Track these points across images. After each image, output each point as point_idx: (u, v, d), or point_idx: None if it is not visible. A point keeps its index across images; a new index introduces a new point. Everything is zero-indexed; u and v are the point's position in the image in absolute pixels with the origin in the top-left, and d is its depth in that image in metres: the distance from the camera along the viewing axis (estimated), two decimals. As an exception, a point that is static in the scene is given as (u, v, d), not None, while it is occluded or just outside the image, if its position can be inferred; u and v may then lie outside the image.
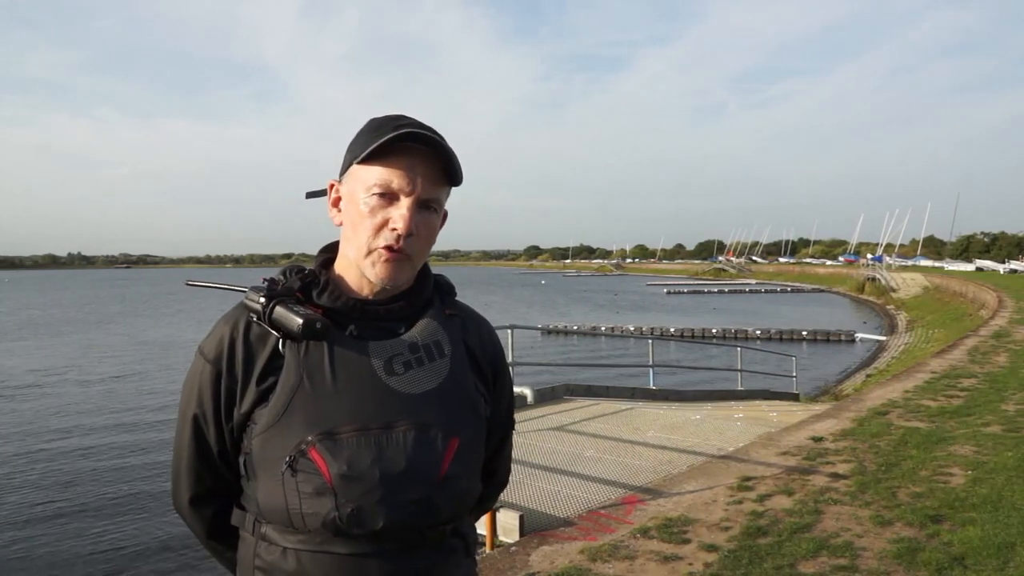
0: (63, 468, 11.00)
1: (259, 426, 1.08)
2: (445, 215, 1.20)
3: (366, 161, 1.09)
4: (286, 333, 1.08)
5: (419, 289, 1.19)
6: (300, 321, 1.06)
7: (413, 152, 1.09)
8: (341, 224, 1.16)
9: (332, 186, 1.18)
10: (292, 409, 1.06)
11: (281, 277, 1.16)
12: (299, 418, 1.05)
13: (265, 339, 1.11)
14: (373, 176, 1.09)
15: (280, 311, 1.08)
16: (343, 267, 1.16)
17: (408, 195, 1.09)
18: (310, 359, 1.08)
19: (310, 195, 1.23)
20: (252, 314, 1.11)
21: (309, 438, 1.04)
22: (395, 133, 1.06)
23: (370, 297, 1.15)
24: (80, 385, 18.89)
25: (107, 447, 12.40)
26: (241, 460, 1.13)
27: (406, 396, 1.09)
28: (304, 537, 1.06)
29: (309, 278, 1.15)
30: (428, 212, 1.12)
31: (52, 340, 30.55)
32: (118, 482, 10.40)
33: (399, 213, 1.08)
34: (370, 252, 1.10)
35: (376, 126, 1.11)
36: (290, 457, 1.04)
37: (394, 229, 1.08)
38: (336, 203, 1.17)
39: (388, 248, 1.09)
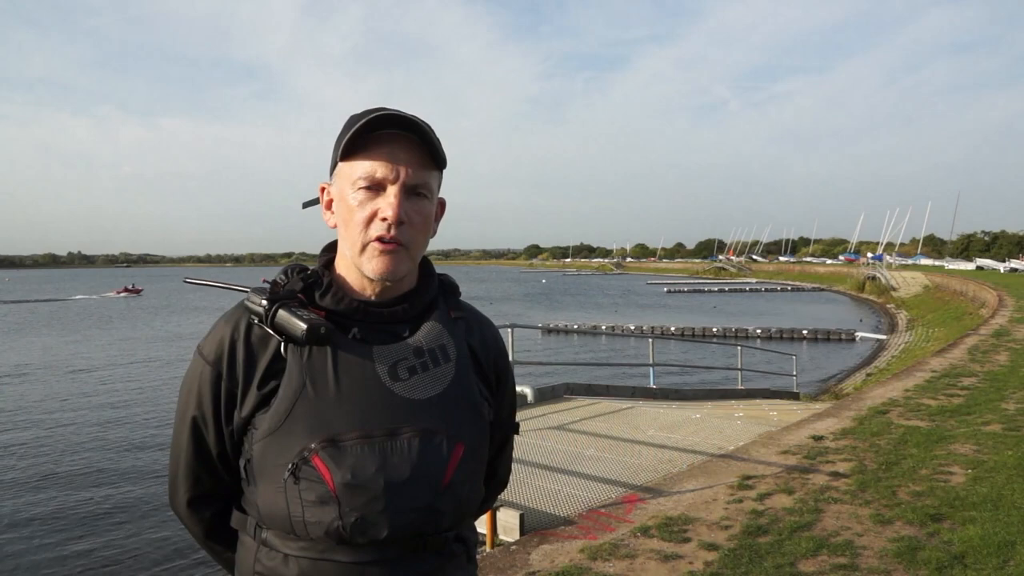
0: (62, 461, 11.02)
1: (260, 431, 1.06)
2: (443, 204, 1.18)
3: (348, 156, 1.08)
4: (289, 338, 1.06)
5: (422, 289, 1.17)
6: (304, 327, 1.04)
7: (393, 139, 1.08)
8: (336, 226, 1.14)
9: (323, 189, 1.17)
10: (295, 415, 1.04)
11: (283, 277, 1.13)
12: (302, 424, 1.03)
13: (266, 341, 1.09)
14: (357, 170, 1.08)
15: (283, 315, 1.06)
16: (344, 268, 1.14)
17: (393, 183, 1.07)
18: (313, 364, 1.06)
19: (306, 205, 1.22)
20: (253, 316, 1.09)
21: (312, 445, 1.02)
22: (367, 119, 1.05)
23: (373, 298, 1.13)
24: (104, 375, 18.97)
25: (114, 434, 12.44)
26: (241, 464, 1.11)
27: (411, 402, 1.08)
28: (306, 544, 1.04)
29: (311, 279, 1.13)
30: (418, 198, 1.10)
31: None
32: (119, 472, 10.44)
33: (387, 202, 1.07)
34: (364, 247, 1.08)
35: (353, 121, 1.09)
36: (292, 464, 1.02)
37: (384, 219, 1.07)
38: (329, 205, 1.16)
39: (380, 239, 1.07)
